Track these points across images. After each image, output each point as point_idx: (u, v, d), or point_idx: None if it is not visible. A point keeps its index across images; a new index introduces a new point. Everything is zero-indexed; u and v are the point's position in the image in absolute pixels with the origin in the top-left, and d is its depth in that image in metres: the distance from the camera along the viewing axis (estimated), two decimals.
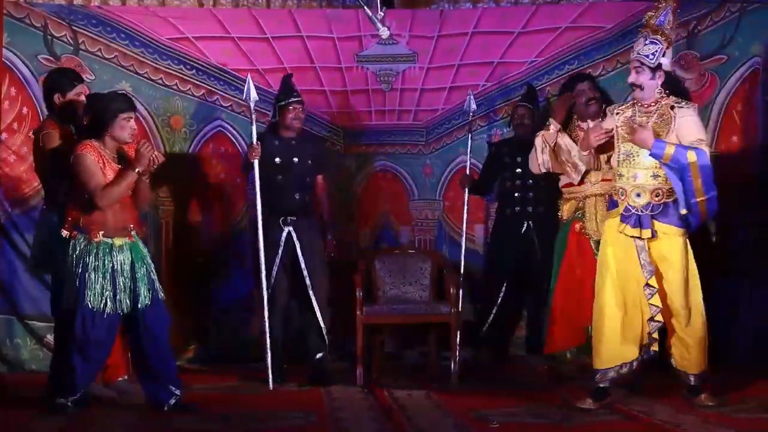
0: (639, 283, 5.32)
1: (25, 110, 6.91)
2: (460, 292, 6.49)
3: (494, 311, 6.82)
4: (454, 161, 7.26)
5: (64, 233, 5.24)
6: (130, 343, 5.40)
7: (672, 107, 5.36)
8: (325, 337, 6.40)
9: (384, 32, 5.50)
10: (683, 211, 5.26)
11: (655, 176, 5.32)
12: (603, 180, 6.00)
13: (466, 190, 6.77)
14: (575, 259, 6.05)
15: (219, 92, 7.16)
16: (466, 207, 6.75)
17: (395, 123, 7.28)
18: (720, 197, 5.30)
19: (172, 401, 5.32)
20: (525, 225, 6.73)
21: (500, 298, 6.80)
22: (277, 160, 6.41)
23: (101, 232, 5.18)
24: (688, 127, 5.32)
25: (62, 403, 5.21)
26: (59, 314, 5.37)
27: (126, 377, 5.79)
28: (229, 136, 7.19)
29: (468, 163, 6.81)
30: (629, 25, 7.09)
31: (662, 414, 5.19)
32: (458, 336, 6.37)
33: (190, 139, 7.15)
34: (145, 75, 7.08)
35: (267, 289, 6.27)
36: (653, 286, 5.27)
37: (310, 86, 7.07)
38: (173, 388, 5.34)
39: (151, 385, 5.35)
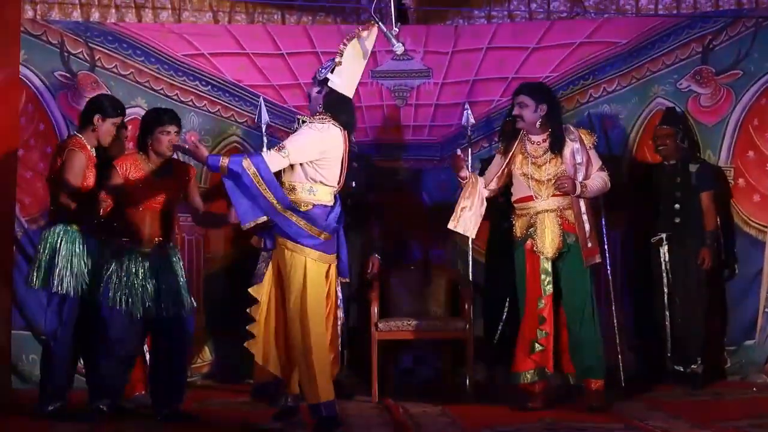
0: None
1: (42, 127, 6.95)
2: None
3: (500, 328, 6.77)
4: None
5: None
6: (151, 349, 5.62)
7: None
8: (341, 353, 6.41)
9: (399, 48, 5.50)
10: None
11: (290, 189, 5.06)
12: (553, 195, 5.87)
13: None
14: (531, 279, 5.88)
15: (234, 108, 7.18)
16: None
17: (410, 138, 7.27)
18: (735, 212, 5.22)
19: (165, 411, 5.47)
20: None
21: (505, 314, 6.73)
22: None
23: (128, 240, 5.42)
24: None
25: (97, 407, 5.40)
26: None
27: (144, 393, 5.87)
28: (244, 152, 7.20)
29: None
30: (644, 41, 7.10)
31: (680, 429, 5.18)
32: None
33: None
34: (161, 91, 7.11)
35: None
36: None
37: None
38: (173, 399, 5.49)
39: (156, 387, 5.54)
